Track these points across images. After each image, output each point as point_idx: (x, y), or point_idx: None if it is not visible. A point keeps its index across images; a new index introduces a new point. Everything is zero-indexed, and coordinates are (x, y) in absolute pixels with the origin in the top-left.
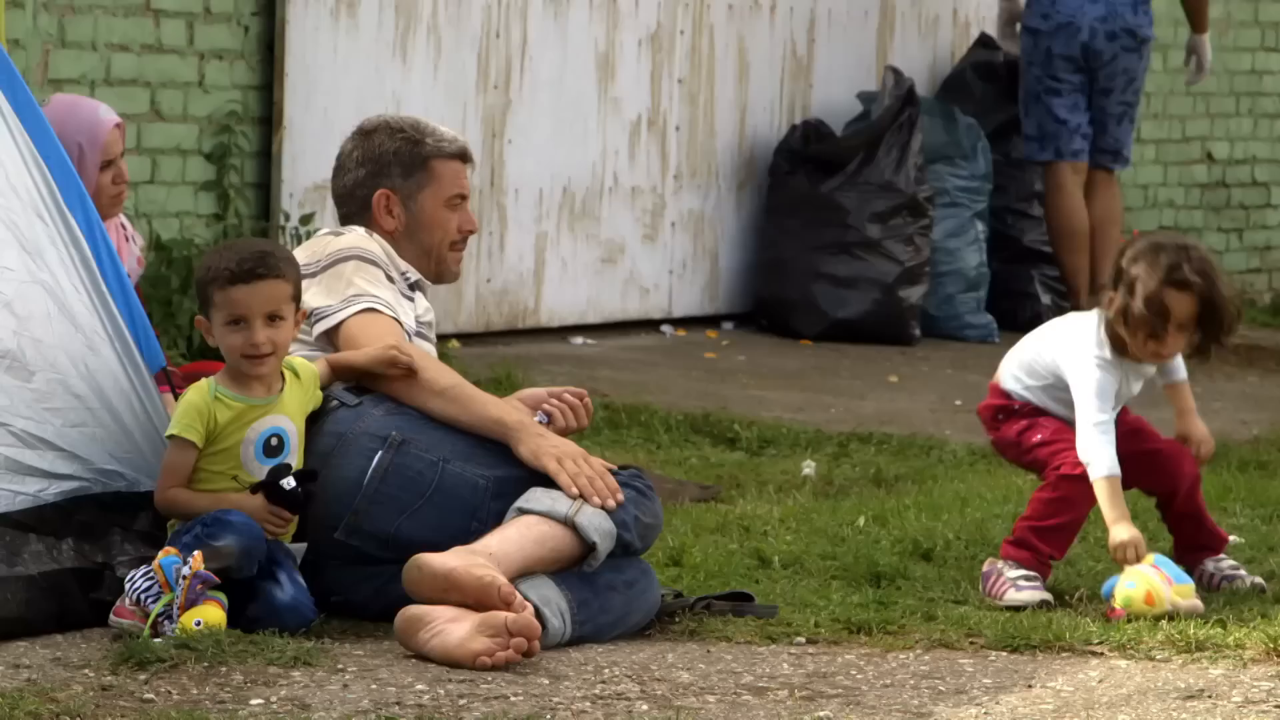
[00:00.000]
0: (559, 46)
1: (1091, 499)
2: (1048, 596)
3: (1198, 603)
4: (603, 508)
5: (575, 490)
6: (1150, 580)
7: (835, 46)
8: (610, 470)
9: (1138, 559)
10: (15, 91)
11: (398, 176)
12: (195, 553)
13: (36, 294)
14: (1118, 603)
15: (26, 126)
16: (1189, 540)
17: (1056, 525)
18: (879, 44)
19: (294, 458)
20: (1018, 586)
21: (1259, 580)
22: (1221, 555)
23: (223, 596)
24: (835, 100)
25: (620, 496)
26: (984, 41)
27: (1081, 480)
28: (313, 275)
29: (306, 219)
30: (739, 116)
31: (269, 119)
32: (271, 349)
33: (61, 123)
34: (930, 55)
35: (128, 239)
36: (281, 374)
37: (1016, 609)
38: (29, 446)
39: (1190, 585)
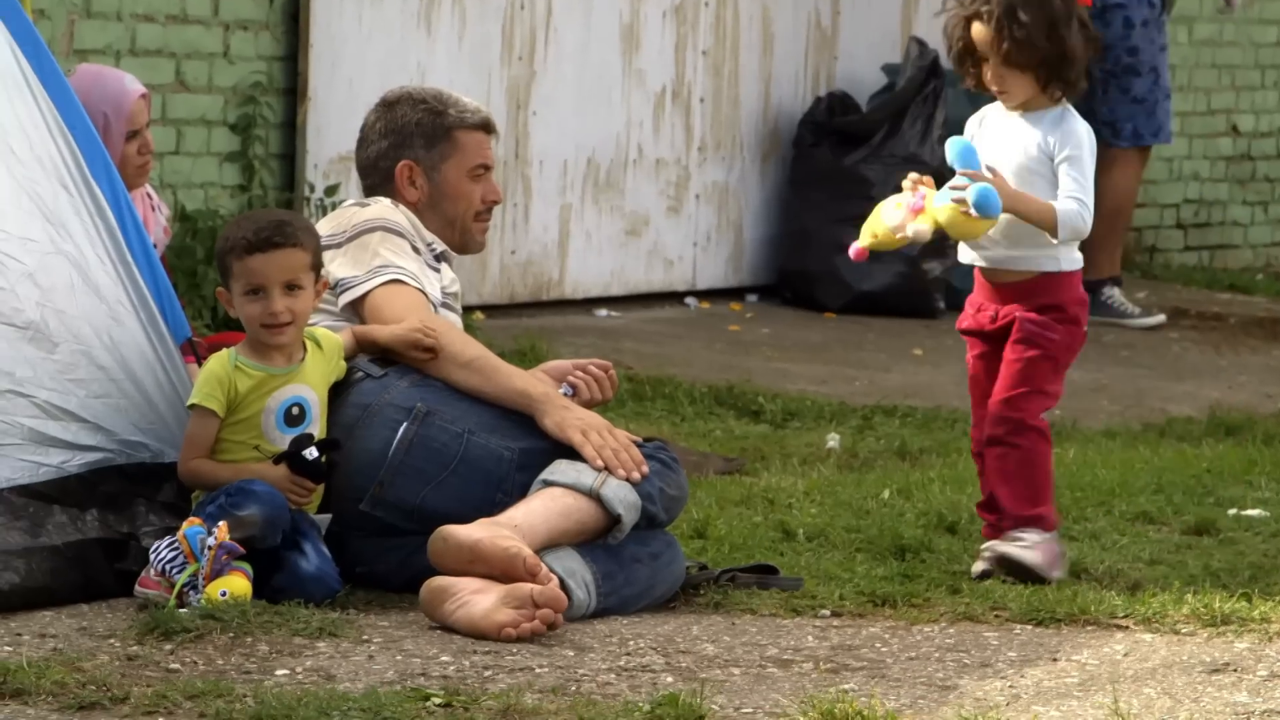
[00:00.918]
0: (583, 18)
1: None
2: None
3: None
4: (628, 480)
5: (600, 462)
6: (880, 217)
7: (860, 18)
8: (635, 442)
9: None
10: (41, 61)
11: (420, 148)
12: (221, 523)
13: (60, 265)
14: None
15: (52, 96)
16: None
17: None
18: (903, 15)
19: (316, 427)
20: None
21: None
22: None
23: (248, 567)
24: (860, 72)
25: (645, 469)
26: None
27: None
28: (338, 246)
29: (331, 190)
30: (763, 88)
31: (294, 90)
32: (290, 318)
33: (87, 93)
34: None
35: (153, 209)
36: (303, 344)
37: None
38: (53, 418)
39: (947, 206)
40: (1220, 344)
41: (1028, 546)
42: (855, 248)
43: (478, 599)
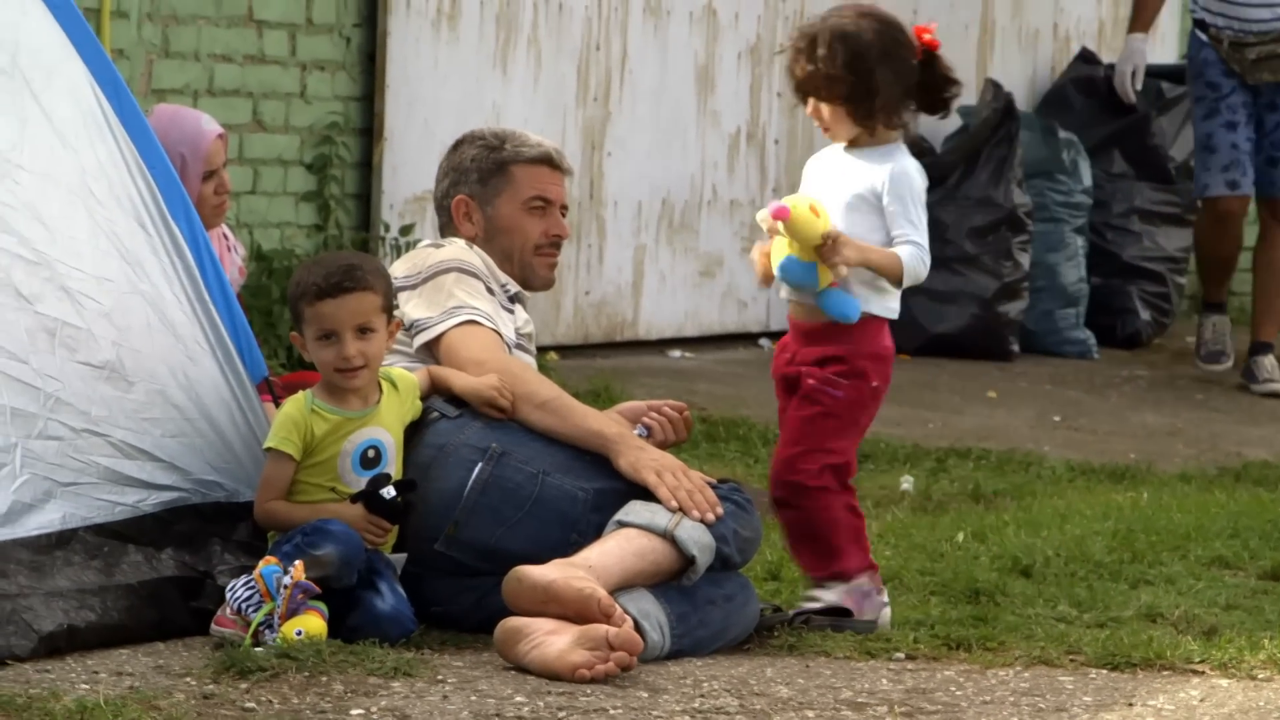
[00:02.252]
0: (659, 59)
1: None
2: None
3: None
4: (702, 521)
5: (674, 503)
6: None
7: None
8: (709, 484)
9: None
10: (120, 101)
11: (475, 183)
12: (296, 562)
13: (136, 304)
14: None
15: (131, 136)
16: None
17: None
18: (979, 57)
19: (392, 469)
20: None
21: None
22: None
23: (323, 606)
24: None
25: (719, 510)
26: (1085, 56)
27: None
28: (413, 287)
29: (406, 230)
30: None
31: (370, 130)
32: (363, 362)
33: (164, 133)
34: (1030, 69)
35: (230, 249)
36: (379, 385)
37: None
38: (128, 457)
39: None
40: None
41: (817, 604)
42: (780, 206)
43: (552, 640)
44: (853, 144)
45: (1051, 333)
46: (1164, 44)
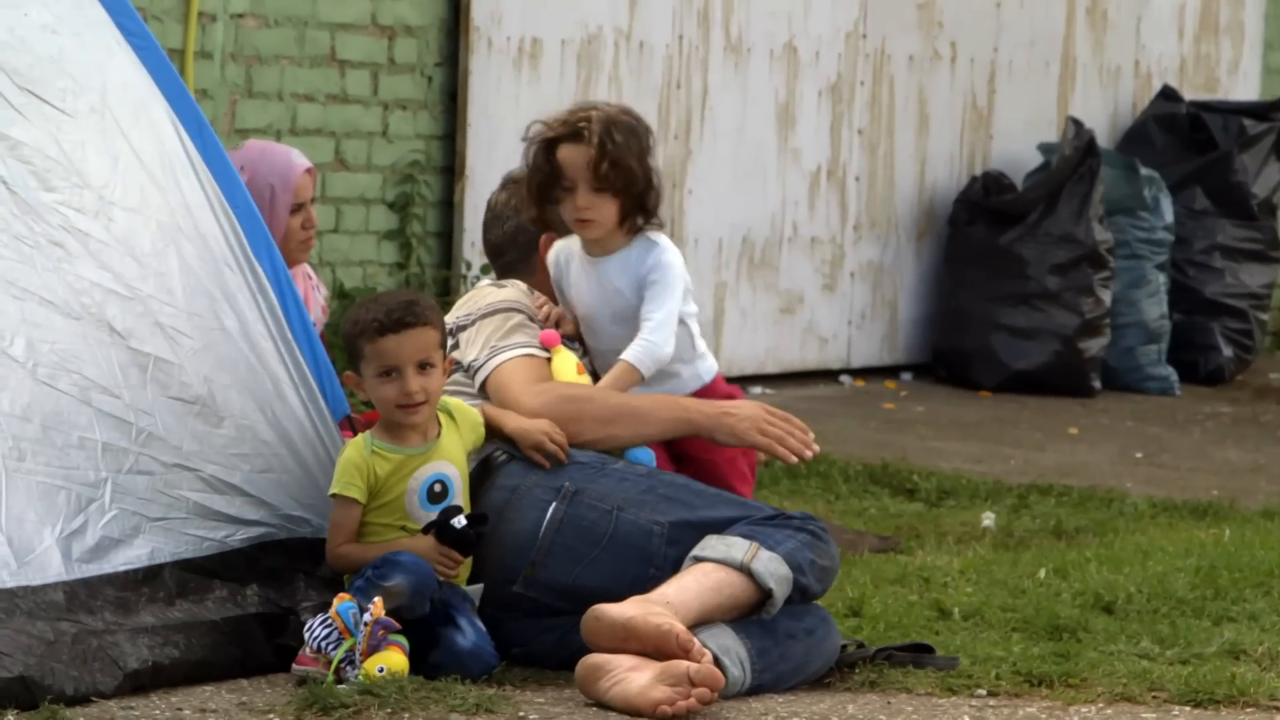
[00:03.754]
0: (739, 97)
1: None
2: None
3: None
4: (799, 458)
5: (792, 457)
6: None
7: (1016, 97)
8: (784, 515)
9: None
10: (204, 140)
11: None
12: (376, 599)
13: (225, 341)
14: None
15: (215, 175)
16: None
17: None
18: (1060, 95)
19: (459, 500)
20: None
21: None
22: None
23: (404, 641)
24: (1015, 151)
25: (815, 448)
26: (1166, 93)
27: None
28: (468, 326)
29: (487, 268)
30: (918, 167)
31: (451, 168)
32: (424, 397)
33: (254, 166)
34: (1112, 106)
35: (314, 287)
36: (437, 419)
37: None
38: (218, 492)
39: None
40: None
41: None
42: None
43: (633, 676)
44: (600, 248)
45: (1133, 369)
46: (1245, 80)
